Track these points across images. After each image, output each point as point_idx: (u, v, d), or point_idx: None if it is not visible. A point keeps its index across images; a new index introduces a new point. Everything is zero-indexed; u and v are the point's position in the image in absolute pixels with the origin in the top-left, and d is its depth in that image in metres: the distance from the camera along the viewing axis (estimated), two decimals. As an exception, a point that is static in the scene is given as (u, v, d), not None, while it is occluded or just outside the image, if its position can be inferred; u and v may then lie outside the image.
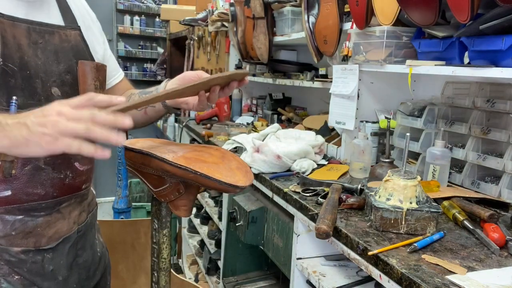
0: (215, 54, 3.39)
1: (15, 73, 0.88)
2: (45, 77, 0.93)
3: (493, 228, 1.01)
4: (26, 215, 0.93)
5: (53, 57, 0.96)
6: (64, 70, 0.97)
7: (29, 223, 0.94)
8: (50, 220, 0.97)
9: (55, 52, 0.97)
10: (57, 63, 0.96)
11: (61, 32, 1.00)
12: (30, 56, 0.92)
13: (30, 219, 0.94)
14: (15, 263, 0.93)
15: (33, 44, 0.93)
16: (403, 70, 1.41)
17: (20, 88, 0.89)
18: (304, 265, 1.30)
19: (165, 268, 1.18)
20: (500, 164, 1.30)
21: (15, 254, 0.92)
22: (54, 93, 0.95)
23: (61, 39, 0.99)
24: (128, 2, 5.49)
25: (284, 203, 1.39)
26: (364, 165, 1.54)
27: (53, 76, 0.93)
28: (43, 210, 0.96)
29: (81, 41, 1.04)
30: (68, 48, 1.00)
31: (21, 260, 0.94)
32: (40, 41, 0.94)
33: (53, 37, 0.97)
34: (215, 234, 2.55)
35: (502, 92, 1.39)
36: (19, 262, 0.93)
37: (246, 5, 2.44)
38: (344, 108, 1.76)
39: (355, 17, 1.58)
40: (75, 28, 1.04)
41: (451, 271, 0.85)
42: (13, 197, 0.91)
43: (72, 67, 0.99)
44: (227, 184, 0.97)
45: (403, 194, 1.04)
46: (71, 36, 1.02)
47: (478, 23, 1.15)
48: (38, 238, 0.96)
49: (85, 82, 0.99)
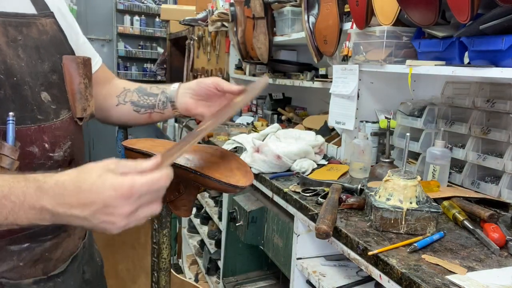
0: (215, 54, 3.38)
1: (3, 82, 0.74)
2: (32, 82, 0.79)
3: (493, 228, 1.01)
4: (33, 241, 0.82)
5: (35, 55, 0.81)
6: (49, 69, 0.83)
7: (37, 249, 0.83)
8: (58, 241, 0.87)
9: (36, 49, 0.82)
10: (41, 61, 0.82)
11: (37, 22, 0.84)
12: (12, 57, 0.77)
13: (38, 245, 0.83)
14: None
15: (12, 42, 0.78)
16: (403, 70, 1.41)
17: (11, 100, 0.75)
18: (304, 265, 1.30)
19: (165, 268, 1.18)
20: (500, 164, 1.30)
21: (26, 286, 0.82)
22: (44, 99, 0.82)
23: (39, 32, 0.83)
24: (128, 2, 5.49)
25: (284, 203, 1.39)
26: (364, 165, 1.54)
27: (39, 78, 0.80)
28: (50, 232, 0.85)
29: (58, 30, 0.88)
30: (48, 41, 0.84)
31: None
32: (19, 38, 0.79)
33: (30, 30, 0.82)
34: (215, 234, 2.55)
35: (502, 92, 1.39)
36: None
37: (246, 5, 2.44)
38: (344, 108, 1.76)
39: (355, 17, 1.58)
40: (49, 16, 0.87)
41: (451, 271, 0.85)
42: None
43: (57, 65, 0.85)
44: (227, 184, 0.97)
45: (403, 194, 1.04)
46: (47, 26, 0.85)
47: (478, 23, 1.15)
48: (46, 264, 0.85)
49: (72, 81, 0.87)
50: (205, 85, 0.97)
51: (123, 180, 0.59)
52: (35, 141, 0.78)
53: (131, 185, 0.58)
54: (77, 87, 0.87)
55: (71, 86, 0.87)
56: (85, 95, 0.89)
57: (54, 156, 0.82)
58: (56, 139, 0.82)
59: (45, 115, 0.80)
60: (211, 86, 0.96)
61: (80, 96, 0.88)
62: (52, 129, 0.81)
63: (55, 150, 0.82)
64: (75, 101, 0.87)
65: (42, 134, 0.79)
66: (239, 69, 3.06)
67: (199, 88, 0.98)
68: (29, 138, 0.77)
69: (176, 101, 1.02)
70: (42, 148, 0.79)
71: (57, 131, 0.82)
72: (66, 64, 0.86)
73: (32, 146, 0.78)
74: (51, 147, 0.81)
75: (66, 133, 0.84)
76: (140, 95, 1.05)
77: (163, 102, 1.03)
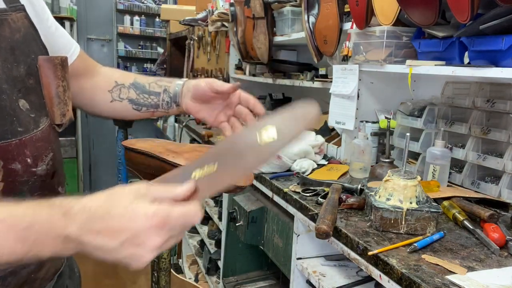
0: (215, 54, 3.38)
1: None
2: (10, 89, 0.69)
3: (493, 228, 1.01)
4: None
5: (10, 58, 0.71)
6: (25, 72, 0.74)
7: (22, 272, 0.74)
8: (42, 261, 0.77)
9: (11, 50, 0.71)
10: (17, 65, 0.72)
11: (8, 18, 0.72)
12: None
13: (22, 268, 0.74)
14: None
15: None
16: (403, 70, 1.41)
17: None
18: (304, 265, 1.30)
19: (165, 268, 1.18)
20: (500, 164, 1.30)
21: None
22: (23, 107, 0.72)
23: (11, 30, 0.72)
24: (128, 2, 5.49)
25: (284, 203, 1.39)
26: (364, 165, 1.54)
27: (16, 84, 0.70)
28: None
29: (29, 26, 0.77)
30: (21, 40, 0.74)
31: None
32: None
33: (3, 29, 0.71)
34: (215, 234, 2.55)
35: (502, 92, 1.39)
36: None
37: (246, 5, 2.43)
38: (344, 108, 1.76)
39: (355, 17, 1.58)
40: (19, 9, 0.75)
41: (451, 271, 0.85)
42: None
43: (32, 67, 0.75)
44: (227, 184, 0.97)
45: (403, 194, 1.04)
46: (18, 22, 0.74)
47: (478, 23, 1.15)
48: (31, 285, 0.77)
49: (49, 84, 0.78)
50: (201, 89, 0.93)
51: (158, 209, 0.53)
52: (17, 157, 0.70)
53: (166, 215, 0.53)
54: (55, 91, 0.78)
55: (48, 90, 0.78)
56: (64, 99, 0.80)
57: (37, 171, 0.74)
58: (38, 151, 0.74)
59: (25, 126, 0.71)
60: (206, 89, 0.92)
61: (59, 101, 0.79)
62: (33, 141, 0.73)
63: (38, 164, 0.74)
64: (53, 106, 0.78)
65: (23, 149, 0.71)
66: (239, 69, 3.06)
67: (197, 92, 0.94)
68: (10, 154, 0.68)
69: (181, 102, 0.97)
70: (25, 163, 0.71)
71: (38, 142, 0.74)
72: (42, 66, 0.77)
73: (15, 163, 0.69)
74: (34, 162, 0.73)
75: (48, 143, 0.77)
76: (139, 92, 0.98)
77: (167, 102, 0.98)
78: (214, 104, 0.95)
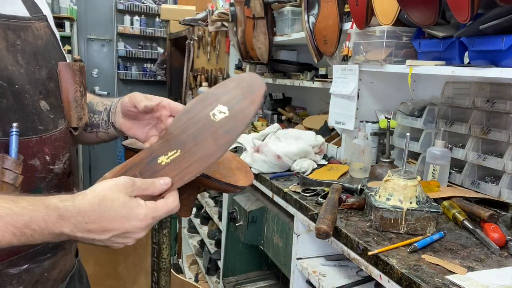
0: (215, 54, 3.39)
1: (5, 90, 0.70)
2: (32, 90, 0.75)
3: (493, 228, 1.01)
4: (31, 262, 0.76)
5: (34, 62, 0.77)
6: (46, 76, 0.79)
7: (36, 270, 0.77)
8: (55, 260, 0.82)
9: (34, 55, 0.77)
10: (39, 68, 0.78)
11: (32, 26, 0.79)
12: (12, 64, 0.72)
13: (36, 265, 0.77)
14: None
15: (12, 47, 0.73)
16: (403, 70, 1.41)
17: (13, 110, 0.71)
18: (304, 265, 1.30)
19: (165, 268, 1.18)
20: (500, 164, 1.30)
21: None
22: (44, 108, 0.77)
23: (34, 36, 0.79)
24: (128, 2, 5.49)
25: (284, 203, 1.39)
26: (364, 165, 1.54)
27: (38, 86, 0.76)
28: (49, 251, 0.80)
29: (51, 35, 0.84)
30: (43, 46, 0.80)
31: None
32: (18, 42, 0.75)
33: (27, 35, 0.77)
34: (215, 234, 2.55)
35: (502, 92, 1.39)
36: None
37: (246, 5, 2.43)
38: (344, 108, 1.76)
39: (355, 17, 1.58)
40: (42, 19, 0.82)
41: (451, 271, 0.85)
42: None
43: (53, 71, 0.81)
44: (227, 184, 0.97)
45: (403, 194, 1.04)
46: (41, 30, 0.81)
47: (478, 23, 1.15)
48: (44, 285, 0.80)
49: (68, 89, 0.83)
50: (126, 105, 0.86)
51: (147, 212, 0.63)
52: (37, 154, 0.74)
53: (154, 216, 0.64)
54: (72, 95, 0.83)
55: (66, 94, 0.82)
56: (81, 103, 0.84)
57: (55, 169, 0.79)
58: (56, 150, 0.79)
59: (45, 125, 0.77)
60: (129, 105, 0.85)
61: (76, 105, 0.83)
62: (52, 140, 0.78)
63: (55, 163, 0.79)
64: (71, 110, 0.83)
65: (43, 146, 0.76)
66: (239, 69, 3.06)
67: (124, 108, 0.87)
68: (31, 150, 0.73)
69: (114, 120, 0.91)
70: (44, 160, 0.76)
71: (57, 142, 0.79)
72: (62, 71, 0.82)
73: (34, 159, 0.74)
74: (52, 160, 0.78)
75: (65, 144, 0.81)
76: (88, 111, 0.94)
77: (105, 121, 0.93)
78: (144, 120, 0.88)
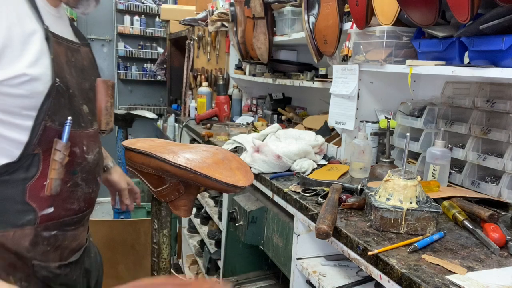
0: (215, 54, 3.39)
1: (64, 92, 0.92)
2: (79, 96, 0.98)
3: (493, 228, 1.01)
4: (59, 230, 0.95)
5: (81, 75, 1.01)
6: (89, 88, 1.03)
7: (60, 237, 0.96)
8: (76, 233, 1.01)
9: (81, 70, 1.02)
10: (84, 81, 1.02)
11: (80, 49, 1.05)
12: (68, 74, 0.95)
13: (61, 233, 0.96)
14: (52, 278, 0.95)
15: (69, 62, 0.97)
16: (403, 70, 1.41)
17: (67, 107, 0.93)
18: (304, 265, 1.30)
19: (165, 268, 1.18)
20: (500, 164, 1.30)
21: (53, 269, 0.95)
22: (85, 111, 1.01)
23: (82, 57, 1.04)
24: (128, 2, 5.49)
25: (284, 203, 1.39)
26: (364, 165, 1.54)
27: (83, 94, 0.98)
28: (74, 224, 1.00)
29: (92, 58, 1.11)
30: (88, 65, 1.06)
31: (56, 275, 0.96)
32: (72, 59, 0.98)
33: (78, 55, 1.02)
34: (215, 234, 2.54)
35: (502, 92, 1.39)
36: (55, 277, 0.95)
37: (246, 5, 2.43)
38: (344, 108, 1.76)
39: (355, 17, 1.58)
40: (87, 45, 1.10)
41: (451, 271, 0.85)
42: (54, 213, 0.94)
43: (93, 84, 1.05)
44: (227, 184, 0.97)
45: (403, 194, 1.04)
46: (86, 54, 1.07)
47: (478, 23, 1.15)
48: (63, 251, 0.98)
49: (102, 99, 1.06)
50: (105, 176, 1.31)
51: None
52: (78, 143, 0.96)
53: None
54: (104, 105, 1.06)
55: (100, 103, 1.06)
56: (110, 112, 1.09)
57: (88, 158, 1.00)
58: (90, 144, 1.01)
59: (85, 123, 1.00)
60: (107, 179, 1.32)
61: (106, 113, 1.08)
62: (88, 135, 1.01)
63: (89, 153, 1.01)
64: (102, 116, 1.07)
65: (82, 138, 0.98)
66: (239, 69, 3.06)
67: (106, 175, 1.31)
68: (74, 140, 0.94)
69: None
70: (81, 150, 0.98)
71: (91, 137, 1.02)
72: (99, 86, 1.05)
73: (76, 147, 0.96)
74: (87, 150, 1.00)
75: (95, 140, 1.05)
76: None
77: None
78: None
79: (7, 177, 0.86)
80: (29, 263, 0.91)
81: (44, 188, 0.89)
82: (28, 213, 0.89)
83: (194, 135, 2.75)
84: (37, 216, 0.90)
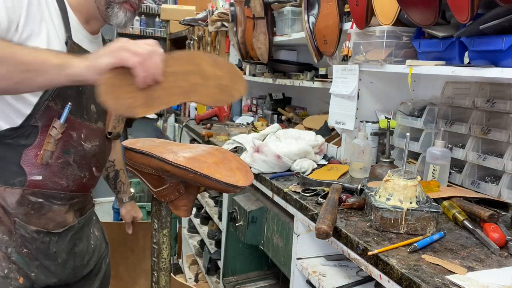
0: (215, 54, 3.38)
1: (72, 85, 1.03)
2: (89, 94, 1.11)
3: (493, 228, 1.01)
4: (46, 200, 1.08)
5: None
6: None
7: (46, 207, 1.08)
8: (62, 210, 1.12)
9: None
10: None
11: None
12: None
13: (48, 204, 1.08)
14: (28, 239, 1.06)
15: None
16: (403, 70, 1.41)
17: (73, 98, 1.07)
18: (304, 265, 1.30)
19: (165, 268, 1.18)
20: (500, 164, 1.30)
21: (30, 232, 1.06)
22: (92, 109, 1.15)
23: None
24: (128, 2, 5.48)
25: (284, 203, 1.39)
26: (364, 165, 1.54)
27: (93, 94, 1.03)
28: (60, 200, 1.11)
29: None
30: None
31: (33, 238, 1.07)
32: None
33: None
34: (215, 234, 2.54)
35: (502, 92, 1.39)
36: (31, 239, 1.07)
37: (246, 5, 2.43)
38: (344, 108, 1.76)
39: (355, 17, 1.58)
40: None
41: (451, 271, 0.85)
42: (42, 182, 1.06)
43: None
44: (227, 184, 0.97)
45: (403, 194, 1.04)
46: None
47: (478, 23, 1.15)
48: (48, 222, 1.09)
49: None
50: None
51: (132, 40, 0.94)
52: (76, 129, 1.09)
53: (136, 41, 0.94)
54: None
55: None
56: (119, 118, 1.24)
57: (84, 145, 1.12)
58: (89, 134, 1.14)
59: (88, 118, 1.13)
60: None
61: (115, 117, 1.23)
62: (89, 128, 1.13)
63: (86, 142, 1.13)
64: (110, 119, 1.22)
65: (82, 127, 1.11)
66: (239, 69, 3.06)
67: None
68: (73, 125, 1.08)
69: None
70: (79, 136, 1.10)
71: (92, 130, 1.15)
72: None
73: (74, 131, 1.09)
74: (84, 138, 1.12)
75: (97, 135, 1.17)
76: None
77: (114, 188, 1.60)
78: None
79: (10, 140, 1.02)
80: (12, 218, 1.04)
81: (37, 157, 1.03)
82: (19, 175, 1.03)
83: (194, 135, 2.75)
84: (26, 179, 1.04)
